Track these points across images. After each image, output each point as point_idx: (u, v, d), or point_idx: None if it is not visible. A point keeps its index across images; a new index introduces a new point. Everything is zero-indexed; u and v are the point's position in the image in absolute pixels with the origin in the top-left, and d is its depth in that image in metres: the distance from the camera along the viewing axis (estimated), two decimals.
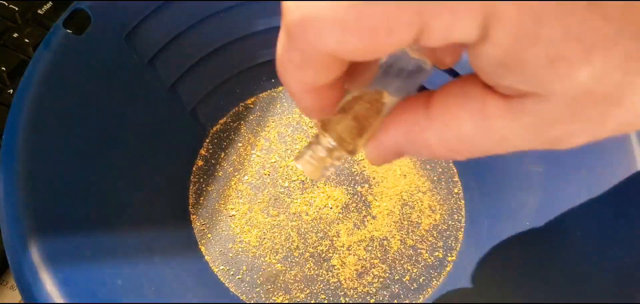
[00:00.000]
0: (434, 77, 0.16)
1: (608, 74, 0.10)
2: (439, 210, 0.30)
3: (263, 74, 0.34)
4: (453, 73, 0.32)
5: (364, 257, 0.28)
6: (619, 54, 0.10)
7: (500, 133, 0.12)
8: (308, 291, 0.27)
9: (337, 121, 0.14)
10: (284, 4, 0.11)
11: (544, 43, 0.10)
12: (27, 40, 0.30)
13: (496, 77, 0.11)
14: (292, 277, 0.27)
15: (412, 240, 0.29)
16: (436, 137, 0.13)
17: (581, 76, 0.10)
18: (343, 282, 0.27)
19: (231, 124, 0.33)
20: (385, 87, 0.14)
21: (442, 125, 0.13)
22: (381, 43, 0.10)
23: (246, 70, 0.33)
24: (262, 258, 0.27)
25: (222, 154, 0.31)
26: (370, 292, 0.27)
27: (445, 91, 0.13)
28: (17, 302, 0.25)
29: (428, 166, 0.32)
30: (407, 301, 0.27)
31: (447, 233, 0.29)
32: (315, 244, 0.28)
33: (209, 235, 0.28)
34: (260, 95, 0.34)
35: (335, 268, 0.27)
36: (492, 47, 0.10)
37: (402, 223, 0.29)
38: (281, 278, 0.27)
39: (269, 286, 0.27)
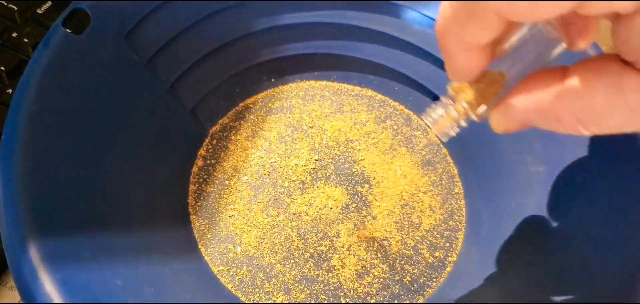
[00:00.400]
0: None
1: None
2: (440, 210, 0.30)
3: (263, 74, 0.34)
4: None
5: (364, 257, 0.28)
6: None
7: (633, 108, 0.12)
8: (308, 291, 0.26)
9: (467, 87, 0.16)
10: None
11: None
12: (26, 40, 0.30)
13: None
14: (292, 277, 0.27)
15: (413, 240, 0.29)
16: (566, 107, 0.13)
17: None
18: (343, 282, 0.27)
19: (231, 124, 0.33)
20: (519, 59, 0.15)
21: (574, 96, 0.13)
22: (546, 6, 0.11)
23: (246, 70, 0.33)
24: (261, 259, 0.27)
25: (222, 154, 0.31)
26: (371, 292, 0.27)
27: (582, 65, 0.13)
28: (16, 302, 0.25)
29: (428, 167, 0.32)
30: (407, 302, 0.27)
31: (448, 233, 0.29)
32: (315, 245, 0.28)
33: (209, 235, 0.28)
34: (260, 95, 0.34)
35: (335, 268, 0.27)
36: None
37: (402, 224, 0.29)
38: (281, 278, 0.27)
39: (269, 287, 0.27)
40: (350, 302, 0.26)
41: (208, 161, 0.31)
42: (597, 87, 0.13)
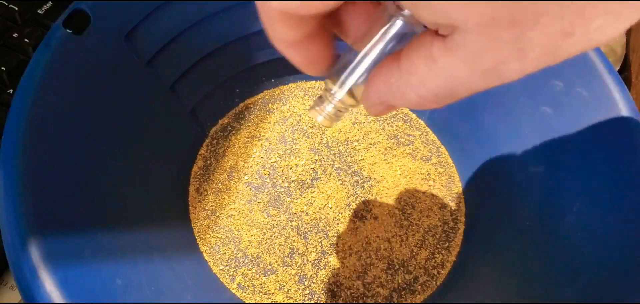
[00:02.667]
0: None
1: None
2: (439, 211, 0.30)
3: (263, 74, 0.34)
4: None
5: (364, 257, 0.28)
6: None
7: (447, 72, 0.13)
8: (308, 291, 0.27)
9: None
10: None
11: None
12: (26, 41, 0.30)
13: (416, 12, 0.12)
14: (292, 277, 0.27)
15: (413, 240, 0.29)
16: (406, 85, 0.14)
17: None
18: (343, 282, 0.27)
19: (231, 124, 0.33)
20: (375, 46, 0.15)
21: (407, 74, 0.14)
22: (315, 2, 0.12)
23: (246, 70, 0.33)
24: (261, 258, 0.27)
25: (222, 154, 0.31)
26: (370, 292, 0.27)
27: (409, 44, 0.14)
28: (17, 302, 0.25)
29: (428, 166, 0.32)
30: (407, 302, 0.27)
31: (447, 233, 0.29)
32: (315, 244, 0.28)
33: (209, 235, 0.28)
34: (260, 95, 0.34)
35: (335, 268, 0.27)
36: None
37: (402, 223, 0.29)
38: (281, 278, 0.27)
39: (269, 286, 0.27)
40: (350, 302, 0.26)
41: (208, 161, 0.31)
42: (417, 61, 0.13)
